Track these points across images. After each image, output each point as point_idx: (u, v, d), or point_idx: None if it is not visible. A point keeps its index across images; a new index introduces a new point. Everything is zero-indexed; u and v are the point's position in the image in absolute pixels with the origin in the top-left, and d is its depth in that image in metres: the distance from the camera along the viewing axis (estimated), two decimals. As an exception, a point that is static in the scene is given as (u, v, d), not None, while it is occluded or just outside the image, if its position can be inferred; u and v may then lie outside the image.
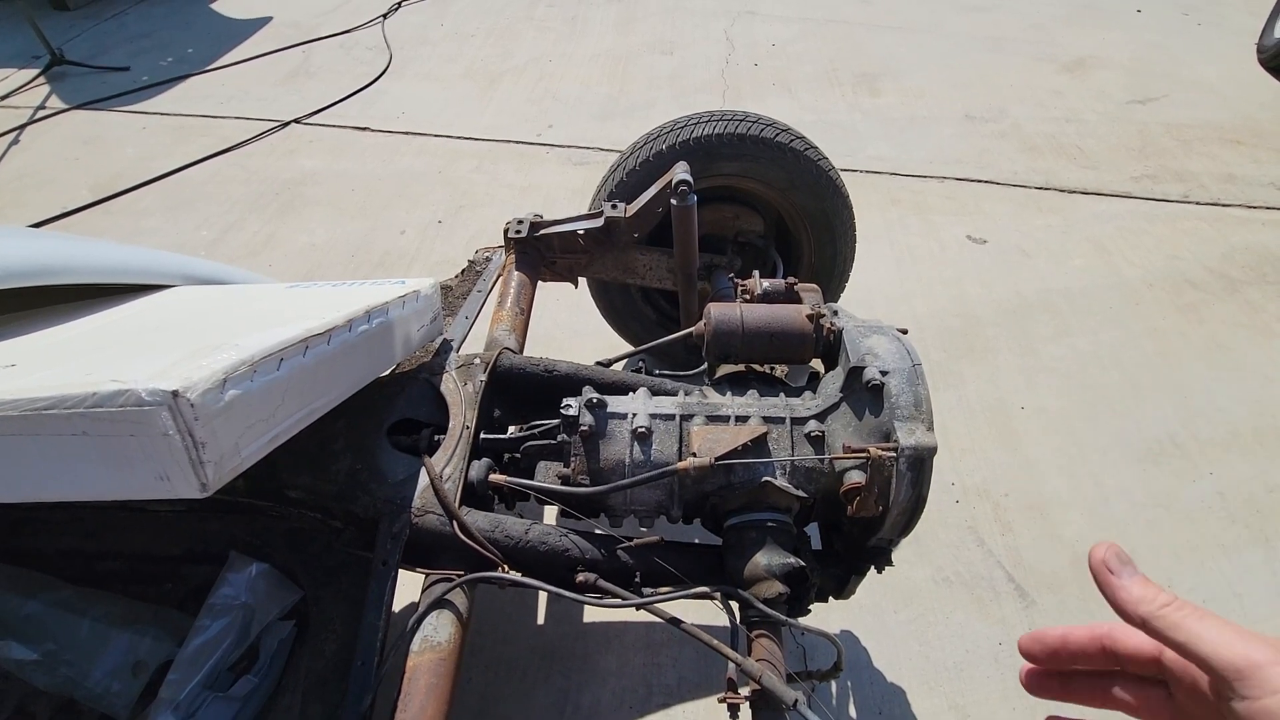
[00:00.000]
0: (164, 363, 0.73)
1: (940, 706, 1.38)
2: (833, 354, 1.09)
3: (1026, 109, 3.50)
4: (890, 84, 3.74)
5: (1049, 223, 2.75)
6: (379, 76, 3.88)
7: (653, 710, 1.37)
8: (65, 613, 1.04)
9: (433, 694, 0.87)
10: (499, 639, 1.48)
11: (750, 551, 0.95)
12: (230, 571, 1.06)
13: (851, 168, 3.01)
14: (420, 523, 0.99)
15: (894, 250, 2.60)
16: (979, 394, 2.05)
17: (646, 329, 1.89)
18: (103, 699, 1.01)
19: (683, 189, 1.35)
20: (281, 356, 0.81)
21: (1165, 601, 0.46)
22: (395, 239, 2.70)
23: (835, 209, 1.64)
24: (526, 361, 1.19)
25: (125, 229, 2.76)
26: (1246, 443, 1.90)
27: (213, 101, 3.66)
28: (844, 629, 1.49)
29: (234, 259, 2.58)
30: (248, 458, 0.76)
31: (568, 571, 0.99)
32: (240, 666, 1.02)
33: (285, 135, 3.38)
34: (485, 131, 3.37)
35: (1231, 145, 3.21)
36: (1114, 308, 2.35)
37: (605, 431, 1.01)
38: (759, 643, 0.93)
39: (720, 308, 1.11)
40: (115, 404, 0.66)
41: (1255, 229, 2.71)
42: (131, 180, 3.01)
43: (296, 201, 2.91)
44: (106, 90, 3.74)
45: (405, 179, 3.04)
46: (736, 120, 1.55)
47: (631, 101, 3.62)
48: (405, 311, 1.11)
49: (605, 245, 1.55)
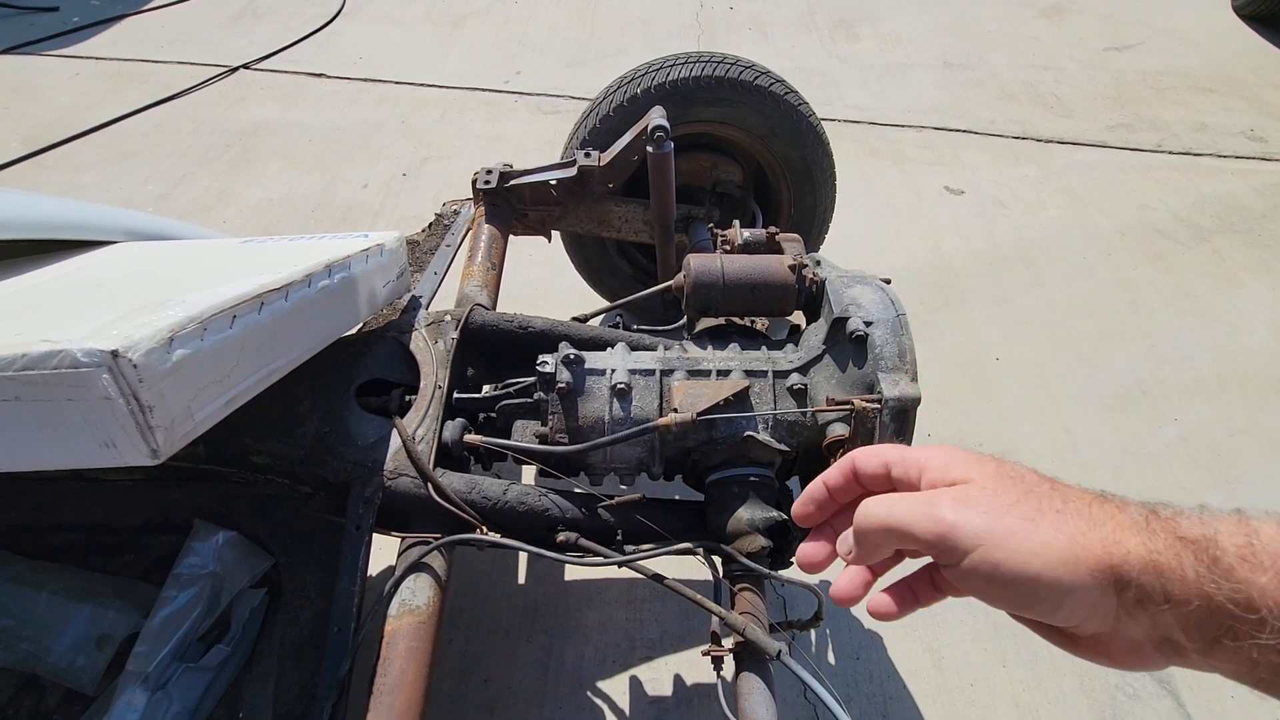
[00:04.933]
0: (102, 321, 0.67)
1: (916, 649, 1.42)
2: (815, 305, 1.07)
3: (1005, 56, 3.45)
4: (868, 29, 3.65)
5: (1025, 173, 2.74)
6: (333, 18, 3.64)
7: (636, 664, 1.38)
8: (20, 587, 1.00)
9: (413, 657, 0.85)
10: (480, 599, 1.48)
11: (733, 507, 0.94)
12: (196, 540, 1.02)
13: (830, 117, 2.94)
14: (393, 486, 0.96)
15: (872, 202, 2.57)
16: (954, 345, 2.06)
17: (623, 284, 1.84)
18: (67, 673, 0.97)
19: (659, 135, 1.30)
20: (235, 314, 0.76)
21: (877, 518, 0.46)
22: (357, 193, 2.58)
23: (816, 157, 1.60)
24: (500, 318, 1.15)
25: (62, 184, 2.59)
26: (1210, 389, 1.95)
27: (152, 45, 3.40)
28: (823, 579, 1.51)
29: (184, 216, 2.44)
30: (202, 422, 0.71)
31: (548, 531, 0.97)
32: (211, 636, 1.00)
33: (234, 82, 3.17)
34: (449, 79, 3.20)
35: (1204, 94, 3.21)
36: (1087, 258, 2.37)
37: (583, 388, 0.98)
38: (742, 596, 0.93)
39: (700, 259, 1.07)
40: (48, 366, 0.61)
41: (1225, 178, 2.73)
42: (66, 131, 2.80)
43: (249, 154, 2.75)
44: (34, 33, 3.45)
45: (366, 129, 2.89)
46: (715, 62, 1.48)
47: (602, 46, 3.47)
48: (369, 266, 1.05)
49: (579, 196, 1.49)
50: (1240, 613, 0.35)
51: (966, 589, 0.44)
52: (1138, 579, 0.38)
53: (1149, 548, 0.38)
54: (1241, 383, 1.97)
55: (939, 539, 0.42)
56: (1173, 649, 0.39)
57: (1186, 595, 0.36)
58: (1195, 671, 0.40)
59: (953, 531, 0.42)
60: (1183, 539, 0.38)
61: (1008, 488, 0.43)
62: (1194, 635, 0.37)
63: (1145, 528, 0.39)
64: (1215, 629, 0.36)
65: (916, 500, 0.45)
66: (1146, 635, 0.40)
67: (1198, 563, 0.36)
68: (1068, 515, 0.41)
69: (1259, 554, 0.35)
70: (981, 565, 0.41)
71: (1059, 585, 0.39)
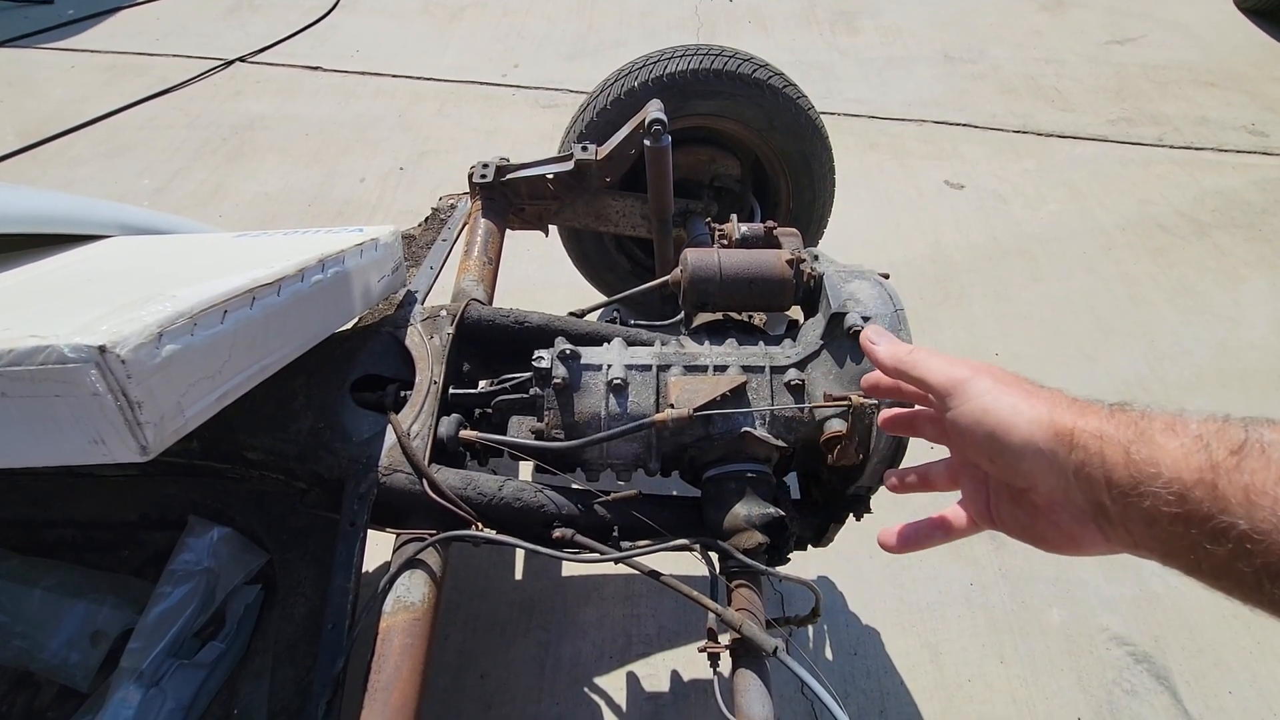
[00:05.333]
0: (91, 317, 0.66)
1: (914, 645, 1.42)
2: (813, 300, 1.06)
3: (1005, 49, 3.43)
4: (869, 22, 3.62)
5: (1025, 167, 2.72)
6: (330, 10, 3.62)
7: (633, 660, 1.38)
8: (13, 583, 0.99)
9: (408, 654, 0.85)
10: (476, 595, 1.47)
11: (730, 503, 0.93)
12: (190, 536, 1.02)
13: (829, 111, 2.92)
14: (388, 482, 0.95)
15: (871, 196, 2.56)
16: (954, 340, 2.05)
17: (620, 278, 1.83)
18: (61, 670, 0.97)
19: (656, 129, 1.28)
20: (225, 308, 0.75)
21: (907, 351, 0.61)
22: (354, 187, 2.56)
23: (814, 151, 1.58)
24: (496, 313, 1.14)
25: (57, 178, 2.57)
26: (1210, 385, 1.95)
27: (147, 38, 3.38)
28: (821, 575, 1.51)
29: (180, 210, 2.43)
30: (193, 418, 0.71)
31: (544, 527, 0.96)
32: (206, 633, 0.99)
33: (230, 75, 3.15)
34: (447, 72, 3.18)
35: (1206, 88, 3.19)
36: (1087, 253, 2.36)
37: (579, 384, 0.97)
38: (739, 592, 0.92)
39: (697, 253, 1.06)
40: (34, 361, 0.60)
41: (1225, 172, 2.72)
42: (62, 124, 2.78)
43: (245, 148, 2.74)
44: (29, 25, 3.44)
45: (363, 123, 2.87)
46: (712, 55, 1.46)
47: (601, 39, 3.45)
48: (364, 261, 1.04)
49: (576, 190, 1.48)
50: (1147, 467, 0.42)
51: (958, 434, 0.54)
52: (1084, 443, 0.46)
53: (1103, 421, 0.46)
54: (1242, 378, 1.97)
55: (953, 383, 0.54)
56: (1103, 515, 0.46)
57: (1115, 457, 0.44)
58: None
59: (965, 382, 0.54)
60: (1129, 416, 0.45)
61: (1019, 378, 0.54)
62: (1114, 494, 0.44)
63: (1109, 411, 0.47)
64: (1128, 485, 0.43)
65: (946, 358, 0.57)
66: (1086, 499, 0.47)
67: (1129, 430, 0.44)
68: (1057, 399, 0.50)
69: (1176, 425, 0.43)
70: (976, 410, 0.52)
71: (1029, 440, 0.48)
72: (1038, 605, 1.49)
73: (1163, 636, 1.44)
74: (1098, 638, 1.44)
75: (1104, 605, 1.49)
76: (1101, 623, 1.46)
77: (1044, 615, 1.47)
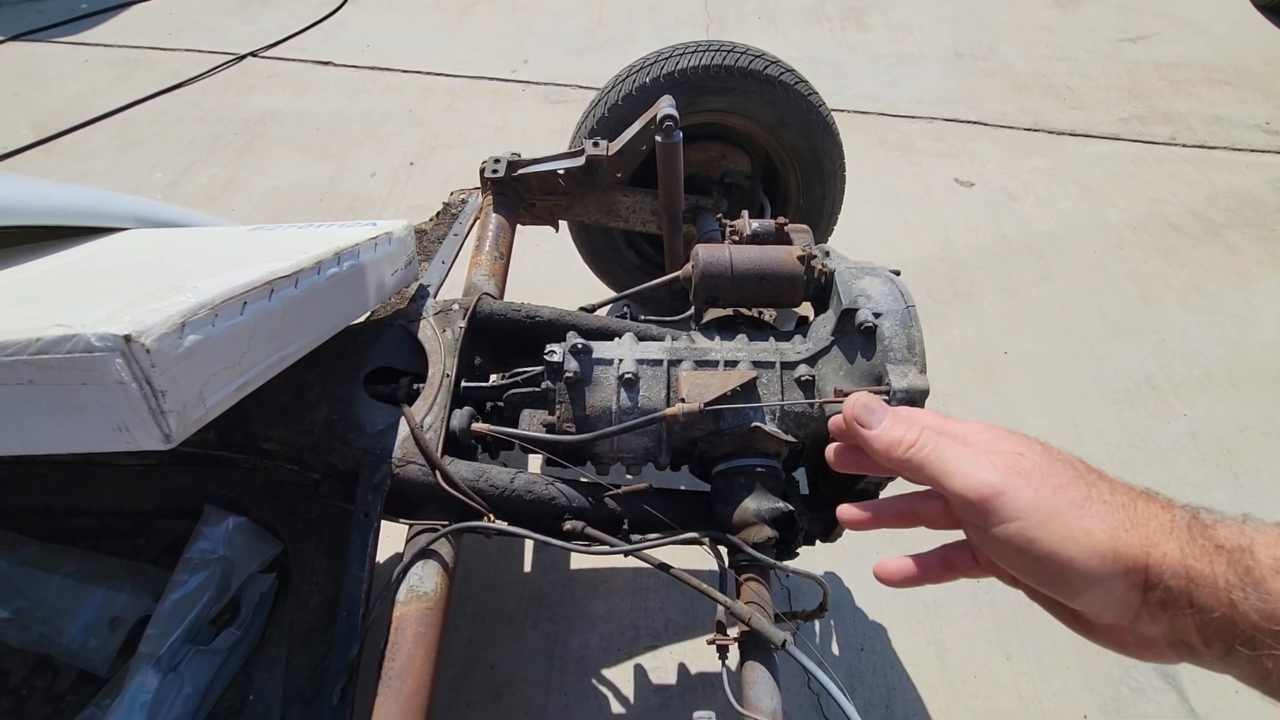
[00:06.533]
0: (115, 306, 0.67)
1: (919, 641, 1.43)
2: (824, 296, 1.06)
3: (1016, 46, 3.41)
4: (878, 18, 3.61)
5: (1036, 165, 2.71)
6: (340, 6, 3.63)
7: (641, 653, 1.39)
8: (33, 570, 1.01)
9: (420, 643, 0.86)
10: (486, 586, 1.49)
11: (739, 497, 0.94)
12: (206, 525, 1.03)
13: (838, 107, 2.91)
14: (401, 473, 0.96)
15: (881, 193, 2.55)
16: (963, 338, 2.05)
17: (630, 274, 1.84)
18: (80, 655, 0.99)
19: (668, 125, 1.29)
20: (245, 300, 0.76)
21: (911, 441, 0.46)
22: (365, 182, 2.58)
23: (825, 148, 1.58)
24: (507, 307, 1.15)
25: (71, 171, 2.60)
26: (1220, 385, 1.94)
27: (159, 32, 3.40)
28: (828, 570, 1.52)
29: (192, 203, 2.44)
30: (214, 407, 0.72)
31: (554, 520, 0.97)
32: (222, 620, 1.01)
33: (241, 70, 3.17)
34: (456, 67, 3.19)
35: (1220, 86, 3.17)
36: (1097, 251, 2.35)
37: (591, 378, 0.98)
38: (747, 586, 0.93)
39: (708, 249, 1.06)
40: (62, 350, 0.61)
41: (1239, 171, 2.70)
42: (75, 118, 2.81)
43: (257, 142, 2.75)
44: (42, 20, 3.46)
45: (373, 118, 2.89)
46: (724, 51, 1.46)
47: (610, 35, 3.45)
48: (377, 254, 1.05)
49: (586, 186, 1.49)
50: (1262, 623, 0.34)
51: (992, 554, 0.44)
52: (1167, 582, 0.37)
53: (1185, 553, 0.38)
54: (1252, 378, 1.96)
55: (982, 500, 0.42)
56: (1187, 650, 0.39)
57: (1212, 603, 0.36)
58: (1201, 668, 0.41)
59: (998, 497, 0.41)
60: (1220, 547, 0.37)
61: (1059, 469, 0.43)
62: (1211, 641, 0.37)
63: (1186, 533, 0.38)
64: (1234, 637, 0.36)
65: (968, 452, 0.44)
66: (1163, 634, 0.40)
67: (1230, 571, 0.36)
68: (1115, 508, 0.40)
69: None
70: (1018, 538, 0.41)
71: (1090, 575, 0.39)
72: (1044, 603, 1.49)
73: (1170, 635, 1.43)
74: (1104, 636, 1.44)
75: (1111, 604, 1.49)
76: (1108, 621, 1.46)
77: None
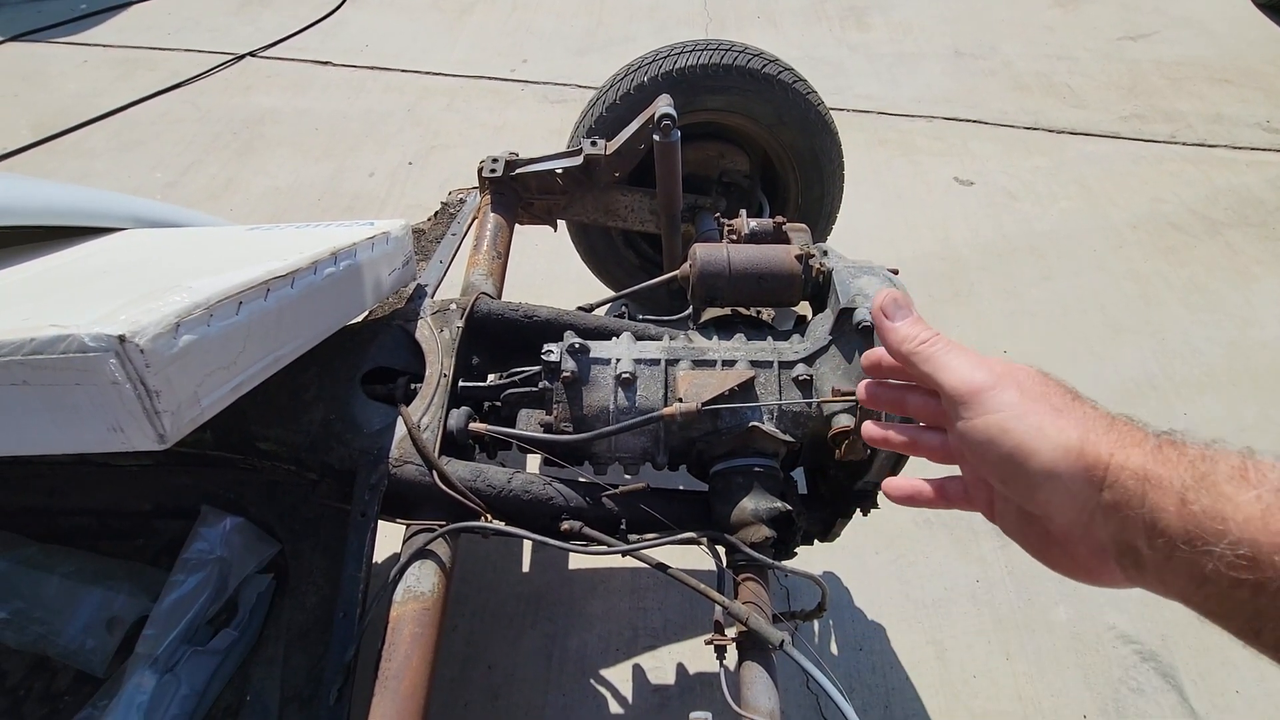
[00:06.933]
0: (109, 307, 0.67)
1: (919, 641, 1.42)
2: (822, 296, 1.06)
3: (1017, 45, 3.40)
4: (879, 17, 3.60)
5: (1036, 164, 2.71)
6: (340, 5, 3.63)
7: (639, 653, 1.39)
8: (31, 570, 1.01)
9: (418, 643, 0.86)
10: (484, 586, 1.49)
11: (737, 497, 0.94)
12: (203, 526, 1.03)
13: (838, 107, 2.91)
14: (398, 473, 0.96)
15: (881, 192, 2.55)
16: (962, 337, 2.03)
17: (628, 273, 1.84)
18: (77, 655, 0.98)
19: (666, 124, 1.28)
20: (240, 300, 0.76)
21: (924, 339, 0.50)
22: (364, 181, 2.58)
23: (824, 147, 1.58)
24: (505, 307, 1.14)
25: (72, 171, 2.60)
26: (1221, 384, 1.93)
27: (159, 32, 3.41)
28: (827, 570, 1.52)
29: (192, 203, 2.44)
30: (209, 408, 0.72)
31: (552, 520, 0.97)
32: (219, 620, 1.01)
33: (240, 70, 3.17)
34: (456, 67, 3.19)
35: (1220, 84, 3.16)
36: (1097, 250, 2.35)
37: (588, 377, 0.97)
38: (745, 586, 0.93)
39: (706, 248, 1.06)
40: (56, 350, 0.61)
41: (1239, 170, 2.69)
42: (76, 118, 2.81)
43: (256, 142, 2.75)
44: (42, 19, 3.46)
45: (372, 118, 2.89)
46: (722, 50, 1.46)
47: (610, 34, 3.45)
48: (375, 254, 1.05)
49: (585, 185, 1.49)
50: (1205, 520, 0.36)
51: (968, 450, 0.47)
52: (1124, 482, 0.39)
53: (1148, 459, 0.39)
54: (1253, 378, 1.95)
55: (970, 393, 0.46)
56: (1133, 559, 0.40)
57: (1163, 501, 0.37)
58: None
59: (985, 391, 0.45)
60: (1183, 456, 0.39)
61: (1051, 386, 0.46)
62: (1156, 542, 0.38)
63: (1154, 444, 0.40)
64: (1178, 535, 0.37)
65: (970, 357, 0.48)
66: (1113, 538, 0.41)
67: (1187, 474, 0.37)
68: (1093, 419, 0.43)
69: (1249, 473, 0.36)
70: (993, 428, 0.44)
71: (1052, 468, 0.42)
72: (1044, 602, 1.49)
73: (1170, 635, 1.43)
74: (1104, 635, 1.44)
75: (1111, 603, 1.48)
76: (1108, 620, 1.46)
77: (1050, 613, 1.47)
